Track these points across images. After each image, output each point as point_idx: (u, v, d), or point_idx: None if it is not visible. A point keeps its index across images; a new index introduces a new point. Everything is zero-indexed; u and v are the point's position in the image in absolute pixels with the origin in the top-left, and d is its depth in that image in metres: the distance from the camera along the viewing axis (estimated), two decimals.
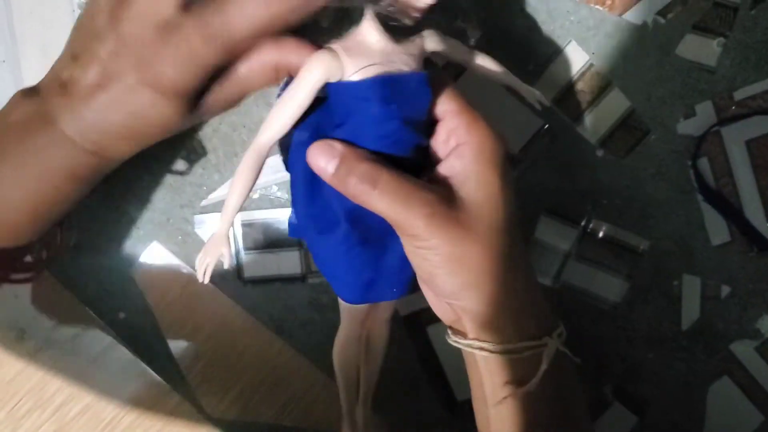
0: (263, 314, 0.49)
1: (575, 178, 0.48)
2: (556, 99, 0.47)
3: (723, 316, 0.49)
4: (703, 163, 0.48)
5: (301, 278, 0.49)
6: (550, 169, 0.48)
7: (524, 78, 0.45)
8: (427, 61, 0.36)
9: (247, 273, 0.49)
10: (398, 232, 0.35)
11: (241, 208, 0.36)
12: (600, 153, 0.48)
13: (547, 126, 0.47)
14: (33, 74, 0.46)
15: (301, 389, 0.50)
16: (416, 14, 0.32)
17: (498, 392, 0.36)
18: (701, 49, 0.46)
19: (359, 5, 0.32)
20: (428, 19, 0.34)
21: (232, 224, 0.36)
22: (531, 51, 0.46)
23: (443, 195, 0.34)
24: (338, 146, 0.34)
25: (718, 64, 0.47)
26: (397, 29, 0.33)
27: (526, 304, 0.36)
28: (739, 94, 0.47)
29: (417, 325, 0.50)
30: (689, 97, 0.47)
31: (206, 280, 0.35)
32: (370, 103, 0.32)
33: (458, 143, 0.35)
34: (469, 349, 0.36)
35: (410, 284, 0.39)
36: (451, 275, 0.34)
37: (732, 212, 0.48)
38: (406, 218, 0.33)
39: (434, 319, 0.49)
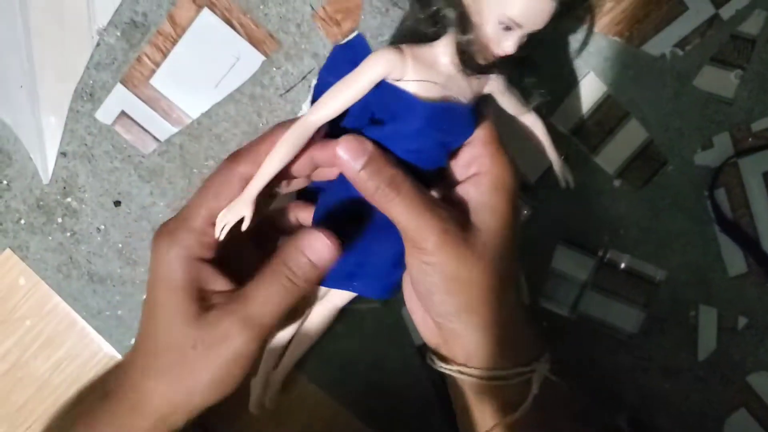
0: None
1: (592, 208, 0.48)
2: (574, 129, 0.47)
3: (740, 348, 0.49)
4: (721, 194, 0.48)
5: None
6: (567, 199, 0.48)
7: (543, 108, 0.46)
8: (482, 98, 0.36)
9: None
10: (407, 243, 0.35)
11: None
12: (617, 183, 0.48)
13: (564, 156, 0.47)
14: (50, 100, 0.46)
15: (312, 420, 0.49)
16: (491, 58, 0.33)
17: (487, 420, 0.36)
18: (719, 81, 0.46)
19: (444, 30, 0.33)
20: (501, 65, 0.34)
21: (260, 191, 0.35)
22: (549, 81, 0.46)
23: (457, 216, 0.35)
24: (369, 146, 0.33)
25: (736, 96, 0.47)
26: (468, 62, 0.33)
27: (517, 331, 0.37)
28: (756, 126, 0.47)
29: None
30: (707, 129, 0.47)
31: (221, 237, 0.35)
32: (418, 119, 0.33)
33: (478, 171, 0.35)
34: (458, 375, 0.36)
35: (389, 291, 0.39)
36: (450, 295, 0.35)
37: (749, 243, 0.48)
38: (420, 230, 0.33)
39: None
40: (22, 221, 0.48)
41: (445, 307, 0.35)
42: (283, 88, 0.46)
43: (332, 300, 0.43)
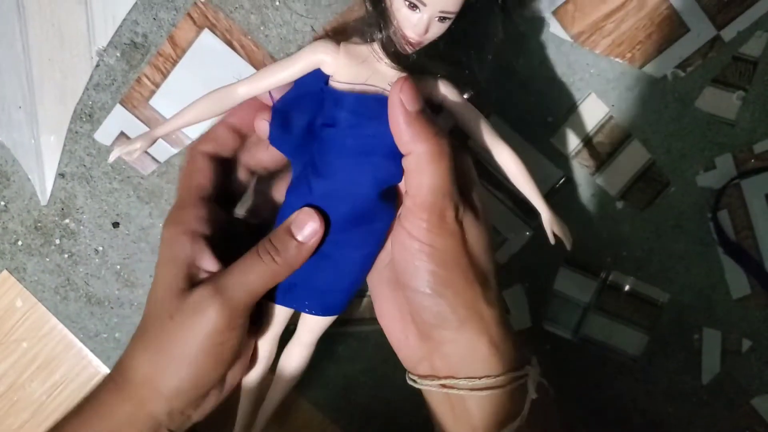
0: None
1: (595, 230, 0.48)
2: (576, 151, 0.47)
3: (744, 371, 0.48)
4: (723, 216, 0.47)
5: None
6: (569, 221, 0.47)
7: (543, 130, 0.45)
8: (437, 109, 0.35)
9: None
10: (409, 222, 0.34)
11: None
12: (620, 205, 0.47)
13: (566, 178, 0.47)
14: (50, 121, 0.46)
15: None
16: (408, 46, 0.32)
17: None
18: (721, 102, 0.46)
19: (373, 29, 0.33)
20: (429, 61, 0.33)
21: (165, 133, 0.36)
22: (550, 103, 0.46)
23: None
24: (420, 99, 0.33)
25: (738, 118, 0.46)
26: (392, 53, 0.33)
27: (505, 332, 0.35)
28: (759, 147, 0.47)
29: None
30: (709, 150, 0.47)
31: (110, 159, 0.36)
32: (344, 110, 0.33)
33: None
34: (444, 390, 0.35)
35: (329, 308, 0.38)
36: (443, 274, 0.34)
37: (752, 265, 0.47)
38: (446, 197, 0.33)
39: None
40: (20, 242, 0.47)
41: (443, 296, 0.34)
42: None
43: (300, 338, 0.41)
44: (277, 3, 0.44)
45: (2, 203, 0.47)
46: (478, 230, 0.35)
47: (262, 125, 0.36)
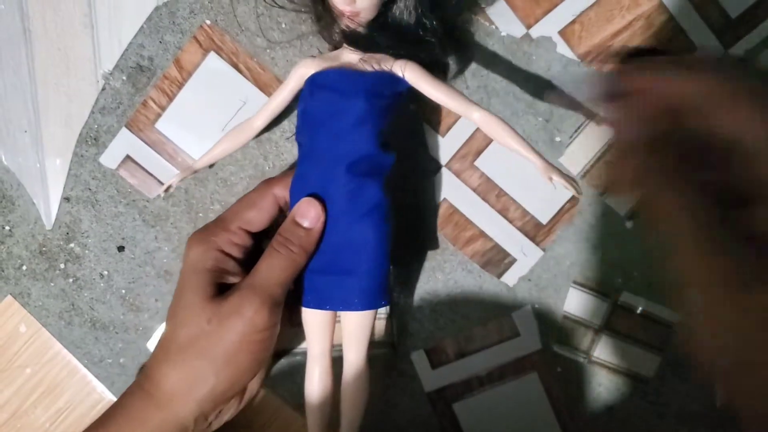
0: (284, 390, 0.48)
1: (604, 251, 0.47)
2: (584, 171, 0.46)
3: None
4: None
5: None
6: (578, 241, 0.47)
7: (551, 151, 0.45)
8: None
9: None
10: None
11: None
12: (629, 225, 0.47)
13: (574, 198, 0.47)
14: (55, 144, 0.46)
15: None
16: (347, 21, 0.37)
17: None
18: None
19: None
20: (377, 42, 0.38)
21: (202, 167, 0.42)
22: (558, 123, 0.46)
23: None
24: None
25: None
26: (367, 45, 0.38)
27: None
28: None
29: (443, 401, 0.48)
30: None
31: (161, 194, 0.44)
32: (324, 82, 0.38)
33: None
34: None
35: (362, 299, 0.39)
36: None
37: None
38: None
39: (460, 396, 0.47)
40: (24, 267, 0.47)
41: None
42: (290, 131, 0.46)
43: (347, 357, 0.41)
44: (284, 25, 0.44)
45: (7, 228, 0.47)
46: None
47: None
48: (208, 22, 0.44)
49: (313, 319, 0.40)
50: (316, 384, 0.41)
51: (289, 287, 0.39)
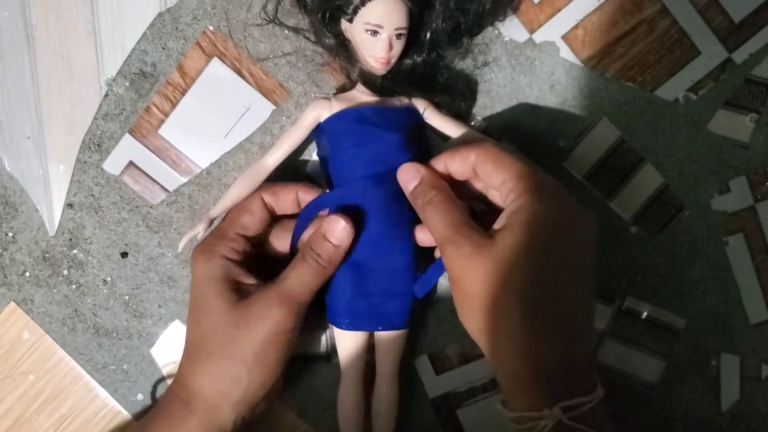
0: (286, 395, 0.48)
1: (609, 256, 0.47)
2: (588, 175, 0.46)
3: (765, 397, 0.48)
4: (739, 240, 0.47)
5: (326, 357, 0.48)
6: None
7: (555, 155, 0.45)
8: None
9: None
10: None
11: None
12: (634, 230, 0.47)
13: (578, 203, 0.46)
14: (58, 151, 0.46)
15: None
16: (380, 66, 0.39)
17: None
18: (734, 125, 0.46)
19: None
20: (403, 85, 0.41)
21: (218, 215, 0.43)
22: (562, 127, 0.46)
23: (480, 233, 0.36)
24: (422, 170, 0.39)
25: (752, 140, 0.46)
26: (371, 83, 0.41)
27: (552, 366, 0.35)
28: None
29: (446, 407, 0.48)
30: (723, 173, 0.46)
31: (180, 248, 0.43)
32: (351, 124, 0.40)
33: (516, 205, 0.36)
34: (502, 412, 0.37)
35: (393, 320, 0.42)
36: (463, 309, 0.37)
37: None
38: (441, 241, 0.37)
39: (464, 402, 0.47)
40: (27, 274, 0.47)
41: (468, 323, 0.37)
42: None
43: (381, 371, 0.44)
44: (286, 31, 0.44)
45: (10, 234, 0.47)
46: (509, 264, 0.35)
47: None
48: (211, 27, 0.44)
49: (350, 341, 0.42)
50: (350, 402, 0.43)
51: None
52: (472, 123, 0.45)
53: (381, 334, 0.43)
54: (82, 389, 0.48)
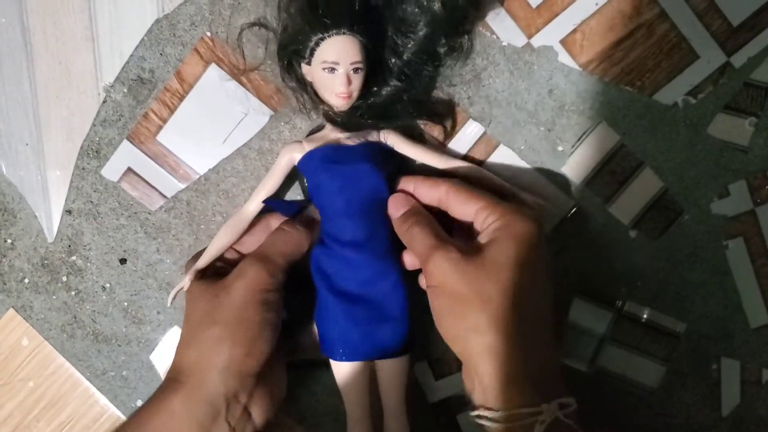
0: (287, 401, 0.48)
1: (608, 260, 0.47)
2: (587, 180, 0.46)
3: (765, 402, 0.47)
4: (739, 244, 0.47)
5: (326, 363, 0.48)
6: (582, 251, 0.47)
7: (553, 160, 0.45)
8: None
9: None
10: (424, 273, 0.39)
11: None
12: (633, 234, 0.47)
13: (578, 207, 0.46)
14: (56, 157, 0.46)
15: None
16: (342, 102, 0.39)
17: None
18: (733, 129, 0.46)
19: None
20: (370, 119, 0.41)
21: (204, 266, 0.43)
22: (560, 132, 0.46)
23: (464, 247, 0.38)
24: (411, 200, 0.42)
25: (751, 144, 0.46)
26: (337, 121, 0.41)
27: (537, 367, 0.36)
28: None
29: (446, 412, 0.48)
30: (722, 177, 0.46)
31: (169, 303, 0.43)
32: (319, 164, 0.41)
33: (496, 226, 0.38)
34: (477, 421, 0.37)
35: (390, 348, 0.41)
36: (454, 316, 0.37)
37: None
38: (425, 254, 0.38)
39: (464, 407, 0.47)
40: (26, 280, 0.47)
41: (454, 329, 0.37)
42: (291, 139, 0.45)
43: (387, 407, 0.43)
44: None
45: (9, 241, 0.47)
46: (490, 270, 0.37)
47: None
48: (208, 34, 0.44)
49: (349, 374, 0.41)
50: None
51: (287, 269, 0.41)
52: (469, 129, 0.45)
53: (381, 365, 0.42)
54: (82, 396, 0.48)
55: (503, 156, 0.46)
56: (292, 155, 0.42)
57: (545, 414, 0.35)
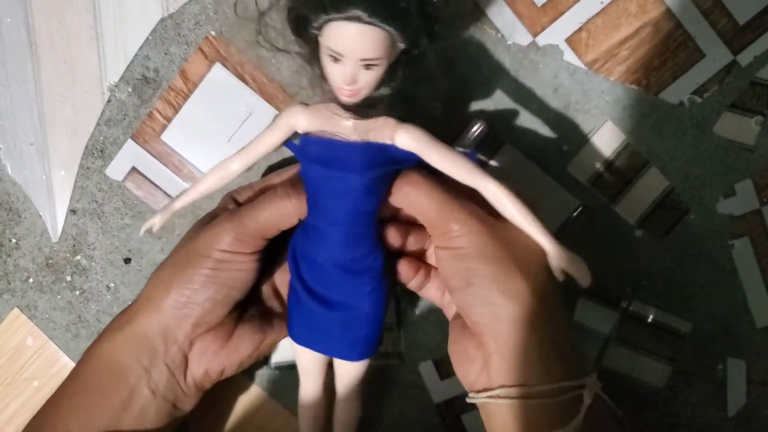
0: (291, 401, 0.48)
1: (614, 260, 0.47)
2: (592, 179, 0.46)
3: None
4: (745, 244, 0.46)
5: (328, 364, 0.47)
6: (587, 251, 0.46)
7: (559, 159, 0.45)
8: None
9: (275, 358, 0.47)
10: (435, 237, 0.37)
11: None
12: (639, 233, 0.47)
13: (583, 207, 0.46)
14: (61, 157, 0.46)
15: None
16: (347, 97, 0.33)
17: None
18: (739, 128, 0.46)
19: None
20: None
21: (178, 209, 0.39)
22: (566, 131, 0.45)
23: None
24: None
25: (757, 143, 0.46)
26: (364, 111, 0.34)
27: (562, 341, 0.35)
28: None
29: (451, 413, 0.48)
30: (728, 176, 0.46)
31: (140, 233, 0.40)
32: (309, 154, 0.36)
33: None
34: (497, 400, 0.34)
35: (342, 348, 0.40)
36: (486, 279, 0.35)
37: None
38: (444, 214, 0.35)
39: (469, 408, 0.47)
40: (31, 280, 0.47)
41: (484, 293, 0.35)
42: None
43: (340, 382, 0.42)
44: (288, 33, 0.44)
45: (14, 240, 0.47)
46: (516, 229, 0.35)
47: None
48: (213, 33, 0.44)
49: (305, 358, 0.41)
50: (308, 413, 0.42)
51: (268, 235, 0.38)
52: (474, 128, 0.45)
53: (340, 362, 0.41)
54: None
55: (508, 155, 0.46)
56: (295, 121, 0.35)
57: (590, 386, 0.34)
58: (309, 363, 0.41)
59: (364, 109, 0.34)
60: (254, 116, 0.45)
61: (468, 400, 0.37)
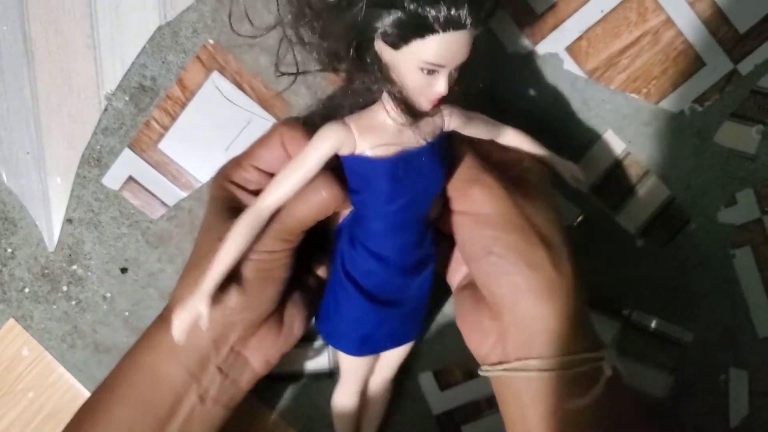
0: (289, 413, 0.47)
1: (615, 269, 0.46)
2: (593, 188, 0.46)
3: None
4: (746, 253, 0.46)
5: (329, 374, 0.47)
6: (588, 260, 0.46)
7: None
8: (453, 134, 0.35)
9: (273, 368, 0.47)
10: (455, 202, 0.36)
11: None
12: (640, 243, 0.46)
13: (584, 216, 0.46)
14: (57, 166, 0.45)
15: None
16: (431, 103, 0.32)
17: (549, 419, 0.33)
18: (740, 137, 0.45)
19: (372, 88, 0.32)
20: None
21: (216, 284, 0.33)
22: (566, 140, 0.45)
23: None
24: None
25: (758, 152, 0.45)
26: (410, 110, 0.32)
27: (580, 312, 0.35)
28: None
29: (452, 424, 0.47)
30: (730, 185, 0.46)
31: (176, 335, 0.33)
32: (380, 180, 0.33)
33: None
34: (513, 373, 0.34)
35: (403, 340, 0.41)
36: (509, 249, 0.34)
37: None
38: (463, 178, 0.35)
39: (470, 419, 0.47)
40: (27, 290, 0.47)
41: (504, 260, 0.34)
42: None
43: (380, 375, 0.44)
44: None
45: (9, 250, 0.46)
46: (536, 200, 0.36)
47: None
48: (211, 41, 0.44)
49: (355, 363, 0.41)
50: (346, 411, 0.43)
51: (301, 231, 0.36)
52: None
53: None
54: None
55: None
56: (338, 144, 0.32)
57: (608, 358, 0.34)
58: (361, 365, 0.42)
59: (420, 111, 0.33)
60: (252, 124, 0.45)
61: (481, 374, 0.37)
